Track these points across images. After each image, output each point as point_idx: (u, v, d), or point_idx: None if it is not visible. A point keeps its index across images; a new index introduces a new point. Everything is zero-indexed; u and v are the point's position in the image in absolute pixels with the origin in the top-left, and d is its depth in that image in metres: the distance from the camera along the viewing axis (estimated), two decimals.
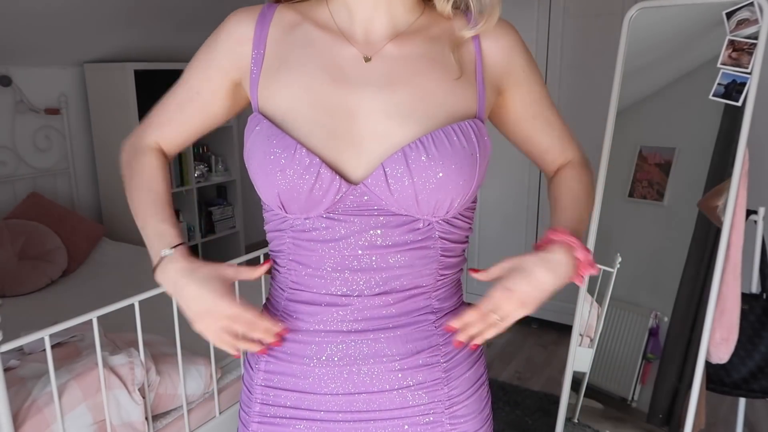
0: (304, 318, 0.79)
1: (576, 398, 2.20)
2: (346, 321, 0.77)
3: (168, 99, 0.91)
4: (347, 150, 0.73)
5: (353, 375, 0.78)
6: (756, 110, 1.79)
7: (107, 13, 3.12)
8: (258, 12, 0.80)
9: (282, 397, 0.82)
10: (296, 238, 0.77)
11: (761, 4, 1.76)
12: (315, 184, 0.71)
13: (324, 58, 0.76)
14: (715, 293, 1.81)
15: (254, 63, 0.79)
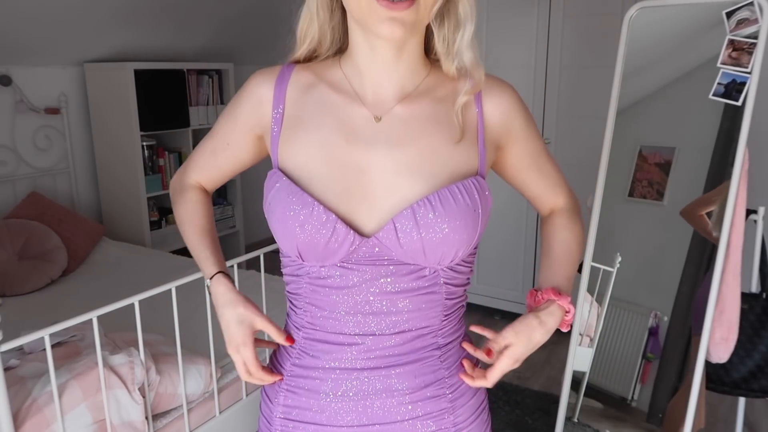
0: (321, 356, 0.86)
1: (576, 398, 2.20)
2: (359, 359, 0.84)
3: (203, 145, 0.98)
4: (360, 205, 0.80)
5: (367, 408, 0.85)
6: (756, 110, 1.79)
7: (107, 13, 3.13)
8: (277, 73, 0.88)
9: (300, 428, 0.88)
10: (312, 284, 0.83)
11: (761, 4, 1.76)
12: (331, 238, 0.78)
13: (338, 119, 0.82)
14: (715, 293, 1.81)
15: (274, 121, 0.86)
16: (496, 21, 3.21)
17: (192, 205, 0.96)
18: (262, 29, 4.16)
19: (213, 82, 3.90)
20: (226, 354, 2.04)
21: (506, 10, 3.17)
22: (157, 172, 3.62)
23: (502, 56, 3.24)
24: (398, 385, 0.85)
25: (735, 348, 1.89)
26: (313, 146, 0.82)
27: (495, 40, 3.24)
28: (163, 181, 3.65)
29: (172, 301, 1.74)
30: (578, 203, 1.00)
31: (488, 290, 3.50)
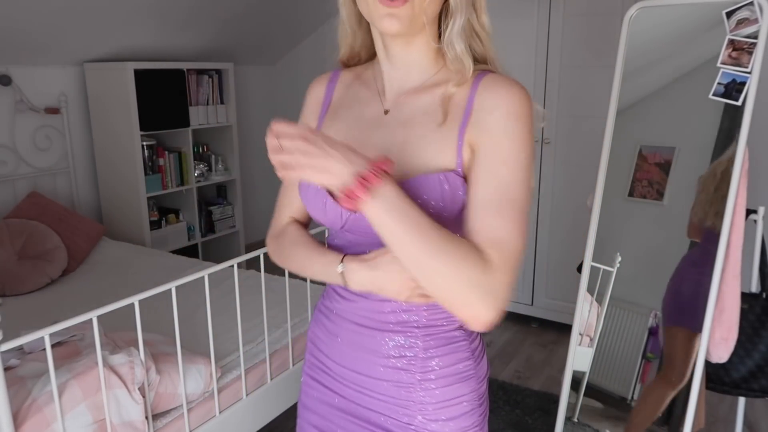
0: (336, 300, 1.00)
1: (576, 397, 2.20)
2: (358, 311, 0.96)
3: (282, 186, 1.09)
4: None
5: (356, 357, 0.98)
6: (756, 110, 1.79)
7: (107, 13, 3.13)
8: (328, 77, 1.04)
9: (318, 352, 1.06)
10: (332, 239, 1.00)
11: (761, 4, 1.76)
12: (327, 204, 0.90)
13: (360, 111, 0.97)
14: (715, 293, 1.81)
15: (322, 112, 1.03)
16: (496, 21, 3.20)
17: (293, 233, 1.05)
18: (262, 29, 4.16)
19: (213, 82, 3.90)
20: (226, 354, 2.05)
21: (506, 10, 3.17)
22: (157, 172, 3.62)
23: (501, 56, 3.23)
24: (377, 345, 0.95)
25: (735, 348, 1.89)
26: (342, 131, 0.96)
27: (495, 40, 3.23)
28: (163, 180, 3.65)
29: (172, 301, 1.74)
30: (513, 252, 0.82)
31: None
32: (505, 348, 3.21)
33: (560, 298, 3.29)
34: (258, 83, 4.70)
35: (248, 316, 2.21)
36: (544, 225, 3.30)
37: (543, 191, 3.27)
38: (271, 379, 2.08)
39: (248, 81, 4.58)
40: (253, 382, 2.02)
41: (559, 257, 3.27)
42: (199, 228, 3.93)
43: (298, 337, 2.22)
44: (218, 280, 2.50)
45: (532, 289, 3.41)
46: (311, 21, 4.40)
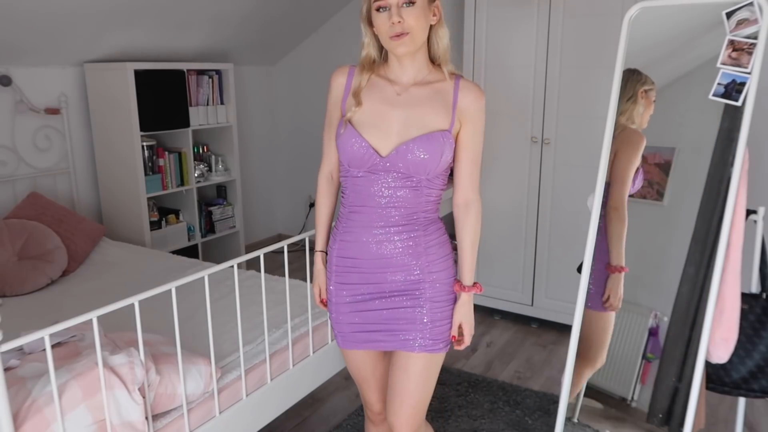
0: (356, 219, 1.52)
1: (576, 398, 2.20)
2: (375, 220, 1.49)
3: (324, 138, 1.60)
4: (384, 138, 1.45)
5: (379, 249, 1.51)
6: (756, 110, 1.79)
7: (107, 13, 3.13)
8: (347, 70, 1.55)
9: (346, 261, 1.56)
10: (353, 182, 1.50)
11: (761, 4, 1.76)
12: (365, 155, 1.45)
13: (380, 93, 1.50)
14: (715, 293, 1.81)
15: (345, 95, 1.54)
16: (496, 21, 3.21)
17: (320, 199, 1.65)
18: (262, 29, 4.17)
19: (213, 82, 3.90)
20: (226, 354, 2.05)
21: (506, 10, 3.17)
22: (157, 172, 3.62)
23: (502, 56, 3.24)
24: (395, 237, 1.50)
25: (735, 348, 1.89)
26: (364, 105, 1.48)
27: (495, 40, 3.24)
28: (163, 180, 3.65)
29: (172, 301, 1.74)
30: (480, 201, 1.55)
31: (488, 290, 3.49)
32: (505, 348, 3.21)
33: (560, 298, 3.29)
34: (258, 83, 4.70)
35: (248, 317, 2.21)
36: (544, 225, 3.30)
37: (543, 191, 3.27)
38: (271, 379, 2.08)
39: (248, 81, 4.58)
40: (253, 382, 2.02)
41: (559, 257, 3.27)
42: (199, 228, 3.93)
43: (298, 338, 2.22)
44: (218, 280, 2.50)
45: (532, 290, 3.41)
46: (311, 21, 4.40)
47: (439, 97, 1.47)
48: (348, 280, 1.56)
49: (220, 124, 3.98)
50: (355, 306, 1.57)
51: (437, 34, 1.47)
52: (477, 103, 1.48)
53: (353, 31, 4.36)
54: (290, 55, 4.73)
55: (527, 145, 3.25)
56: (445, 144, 1.44)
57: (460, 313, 1.55)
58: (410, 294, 1.53)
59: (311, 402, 2.67)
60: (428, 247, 1.52)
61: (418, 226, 1.50)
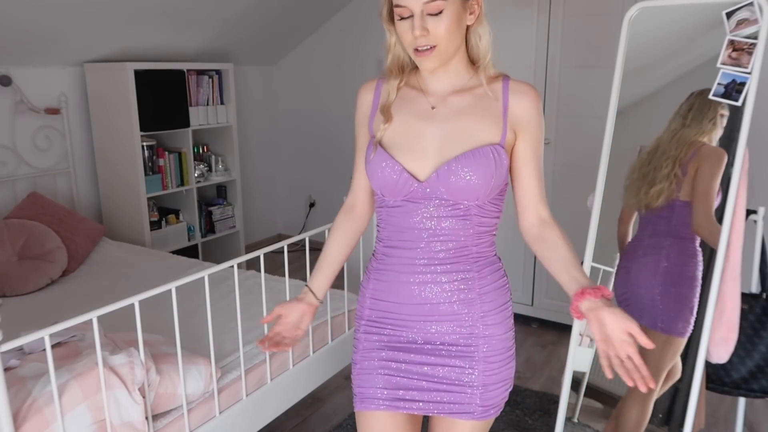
0: (394, 256, 1.27)
1: (576, 398, 2.20)
2: (418, 258, 1.24)
3: (354, 168, 1.37)
4: (419, 160, 1.21)
5: (422, 292, 1.25)
6: (756, 110, 1.79)
7: (107, 13, 3.13)
8: (374, 85, 1.31)
9: (382, 304, 1.30)
10: (388, 212, 1.27)
11: (761, 4, 1.76)
12: (399, 181, 1.21)
13: (412, 108, 1.26)
14: (715, 293, 1.81)
15: (372, 112, 1.31)
16: (497, 21, 3.20)
17: (330, 233, 1.41)
18: (262, 29, 4.17)
19: (213, 82, 3.90)
20: (227, 354, 2.05)
21: (506, 10, 3.17)
22: (157, 172, 3.62)
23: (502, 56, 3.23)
24: (442, 278, 1.24)
25: (735, 348, 1.89)
26: (395, 123, 1.24)
27: (495, 40, 3.23)
28: (163, 181, 3.65)
29: (172, 301, 1.74)
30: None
31: None
32: None
33: (560, 298, 3.29)
34: (258, 83, 4.70)
35: (248, 317, 2.21)
36: None
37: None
38: (271, 379, 2.08)
39: (248, 81, 4.58)
40: (253, 382, 2.02)
41: None
42: (199, 228, 3.93)
43: None
44: (218, 280, 2.50)
45: (532, 290, 3.41)
46: (311, 21, 4.40)
47: (484, 104, 1.22)
48: (382, 326, 1.30)
49: (220, 124, 3.98)
50: (387, 355, 1.29)
51: (476, 33, 1.26)
52: (534, 107, 1.23)
53: (354, 31, 4.36)
54: (290, 55, 4.73)
55: None
56: (497, 161, 1.18)
57: (609, 317, 1.07)
58: (459, 350, 1.26)
59: (311, 402, 2.67)
60: (483, 293, 1.25)
61: (470, 265, 1.24)
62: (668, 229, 1.97)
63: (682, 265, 1.95)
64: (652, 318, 1.96)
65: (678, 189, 1.92)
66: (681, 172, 1.92)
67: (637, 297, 2.01)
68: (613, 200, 2.12)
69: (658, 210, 1.98)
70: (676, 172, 1.92)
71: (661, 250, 1.98)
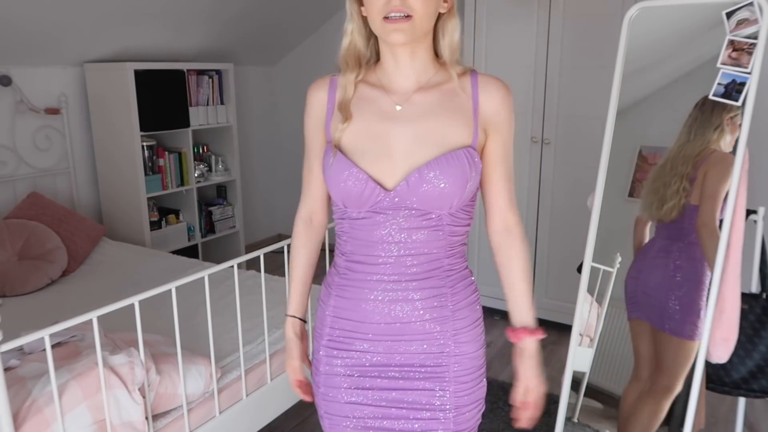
0: (359, 271, 1.15)
1: (576, 398, 2.20)
2: (386, 274, 1.13)
3: (303, 169, 1.24)
4: (386, 167, 1.09)
5: (391, 311, 1.15)
6: (756, 110, 1.79)
7: (107, 13, 3.13)
8: (327, 82, 1.17)
9: (344, 323, 1.19)
10: (352, 224, 1.14)
11: (761, 4, 1.76)
12: (364, 191, 1.09)
13: (373, 108, 1.13)
14: (715, 293, 1.81)
15: (328, 113, 1.16)
16: (497, 21, 3.21)
17: (294, 251, 1.30)
18: (262, 29, 4.16)
19: (213, 82, 3.90)
20: (226, 354, 2.05)
21: (506, 9, 3.16)
22: (157, 172, 3.62)
23: (502, 56, 3.24)
24: (413, 295, 1.13)
25: (735, 348, 1.89)
26: (355, 125, 1.12)
27: (495, 40, 3.24)
28: (163, 181, 3.65)
29: (172, 301, 1.74)
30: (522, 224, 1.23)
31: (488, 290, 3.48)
32: (505, 348, 3.21)
33: (560, 298, 3.29)
34: (258, 83, 4.70)
35: (248, 317, 2.21)
36: (544, 225, 3.30)
37: (543, 191, 3.27)
38: (271, 379, 2.08)
39: (248, 81, 4.58)
40: (253, 382, 2.02)
41: (559, 257, 3.27)
42: (199, 228, 3.93)
43: None
44: (218, 280, 2.50)
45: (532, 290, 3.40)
46: (311, 21, 4.40)
47: (453, 102, 1.12)
48: (345, 347, 1.19)
49: (220, 124, 3.98)
50: (352, 381, 1.19)
51: (446, 26, 1.12)
52: (505, 104, 1.13)
53: None
54: (290, 55, 4.73)
55: (527, 145, 3.25)
56: (472, 164, 1.09)
57: (527, 368, 1.19)
58: (429, 372, 1.17)
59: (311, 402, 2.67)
60: (456, 309, 1.17)
61: (443, 280, 1.15)
62: (680, 232, 1.98)
63: (691, 269, 1.96)
64: (660, 320, 1.98)
65: (688, 196, 1.94)
66: (689, 184, 1.93)
67: (646, 299, 2.02)
68: (613, 200, 2.12)
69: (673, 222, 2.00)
70: (685, 186, 1.93)
71: (671, 253, 1.99)
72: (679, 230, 1.97)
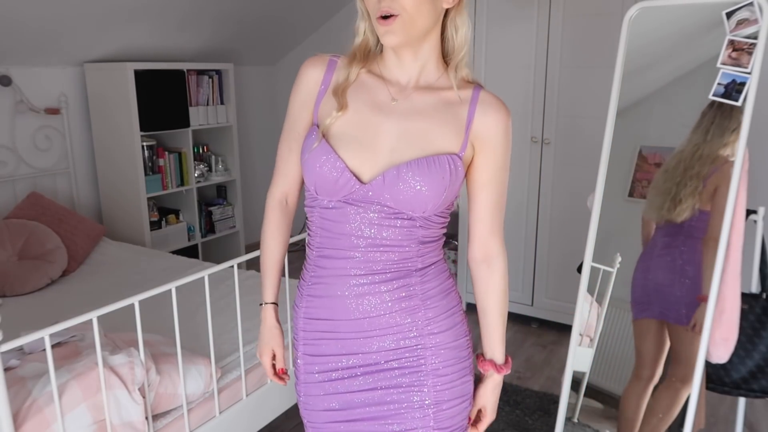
0: (328, 267, 1.12)
1: (576, 398, 2.20)
2: (355, 269, 1.10)
3: (280, 149, 1.22)
4: (366, 159, 1.07)
5: (359, 305, 1.11)
6: (756, 110, 1.79)
7: (107, 13, 3.13)
8: (325, 62, 1.15)
9: (317, 322, 1.16)
10: (321, 215, 1.11)
11: (761, 4, 1.76)
12: (339, 179, 1.05)
13: (370, 96, 1.11)
14: (715, 293, 1.81)
15: (320, 93, 1.14)
16: (497, 21, 3.21)
17: (268, 234, 1.24)
18: (262, 29, 4.16)
19: (213, 82, 3.90)
20: (226, 354, 2.05)
21: (506, 10, 3.17)
22: (157, 172, 3.62)
23: (502, 56, 3.24)
24: (381, 287, 1.10)
25: (735, 348, 1.89)
26: (351, 115, 1.09)
27: (495, 40, 3.24)
28: (163, 181, 3.65)
29: (172, 301, 1.74)
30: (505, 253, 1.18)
31: None
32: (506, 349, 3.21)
33: (560, 298, 3.29)
34: (258, 83, 4.70)
35: (248, 317, 2.21)
36: (544, 225, 3.30)
37: (543, 191, 3.27)
38: None
39: (248, 81, 4.58)
40: (253, 382, 2.02)
41: (559, 257, 3.27)
42: (199, 228, 3.93)
43: None
44: (218, 280, 2.50)
45: (532, 290, 3.41)
46: (311, 21, 4.40)
47: (448, 110, 1.09)
48: (320, 351, 1.16)
49: (220, 124, 3.98)
50: (330, 386, 1.16)
51: (454, 23, 1.08)
52: (499, 126, 1.09)
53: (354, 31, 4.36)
54: (290, 55, 4.73)
55: (527, 145, 3.25)
56: (453, 173, 1.06)
57: (485, 396, 1.20)
58: (406, 366, 1.13)
59: None
60: (427, 297, 1.13)
61: (412, 272, 1.11)
62: (681, 229, 1.99)
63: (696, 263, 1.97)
64: (677, 313, 1.98)
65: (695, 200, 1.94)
66: (703, 186, 1.92)
67: (659, 294, 2.02)
68: (613, 200, 2.12)
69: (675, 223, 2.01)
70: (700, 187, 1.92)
71: (676, 248, 2.00)
72: (680, 228, 1.98)
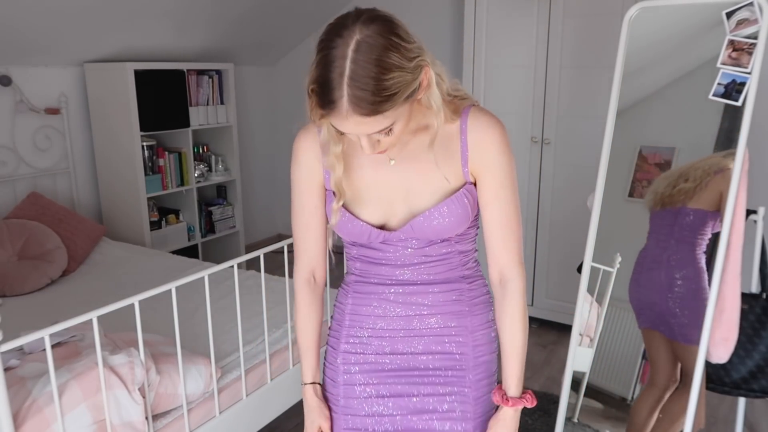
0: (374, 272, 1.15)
1: (576, 398, 2.20)
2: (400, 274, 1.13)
3: (296, 228, 1.18)
4: (387, 211, 1.10)
5: (409, 302, 1.13)
6: (756, 110, 1.79)
7: (107, 13, 3.13)
8: (315, 130, 1.11)
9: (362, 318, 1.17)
10: (360, 252, 1.16)
11: (761, 4, 1.76)
12: (370, 237, 1.10)
13: (362, 153, 1.05)
14: (715, 293, 1.81)
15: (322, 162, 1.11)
16: (496, 21, 3.21)
17: (301, 316, 1.22)
18: (262, 29, 4.16)
19: (213, 82, 3.90)
20: (226, 355, 2.05)
21: (506, 10, 3.16)
22: (157, 172, 3.62)
23: (502, 56, 3.24)
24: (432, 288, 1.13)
25: (735, 348, 1.89)
26: (351, 174, 1.09)
27: (495, 40, 3.24)
28: (163, 181, 3.65)
29: (172, 301, 1.74)
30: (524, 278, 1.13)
31: None
32: None
33: (560, 298, 3.29)
34: (258, 83, 4.70)
35: (248, 317, 2.21)
36: (544, 225, 3.30)
37: (543, 191, 3.27)
38: (271, 379, 2.08)
39: (248, 81, 4.58)
40: (253, 382, 2.02)
41: (559, 257, 3.27)
42: (199, 228, 3.93)
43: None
44: (218, 280, 2.50)
45: (532, 290, 3.41)
46: (311, 21, 4.40)
47: (444, 141, 1.07)
48: (362, 349, 1.16)
49: (220, 124, 3.98)
50: (374, 389, 1.15)
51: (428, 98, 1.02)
52: (493, 145, 1.06)
53: None
54: (290, 55, 4.73)
55: (527, 145, 3.25)
56: (470, 200, 1.09)
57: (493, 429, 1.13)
58: (446, 374, 1.14)
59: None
60: (474, 305, 1.15)
61: (460, 278, 1.14)
62: (670, 234, 1.98)
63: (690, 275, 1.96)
64: (670, 330, 1.98)
65: (690, 196, 1.93)
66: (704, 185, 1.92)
67: (651, 308, 2.02)
68: (613, 200, 2.12)
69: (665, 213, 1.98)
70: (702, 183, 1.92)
71: (664, 262, 1.99)
72: (670, 232, 1.98)
